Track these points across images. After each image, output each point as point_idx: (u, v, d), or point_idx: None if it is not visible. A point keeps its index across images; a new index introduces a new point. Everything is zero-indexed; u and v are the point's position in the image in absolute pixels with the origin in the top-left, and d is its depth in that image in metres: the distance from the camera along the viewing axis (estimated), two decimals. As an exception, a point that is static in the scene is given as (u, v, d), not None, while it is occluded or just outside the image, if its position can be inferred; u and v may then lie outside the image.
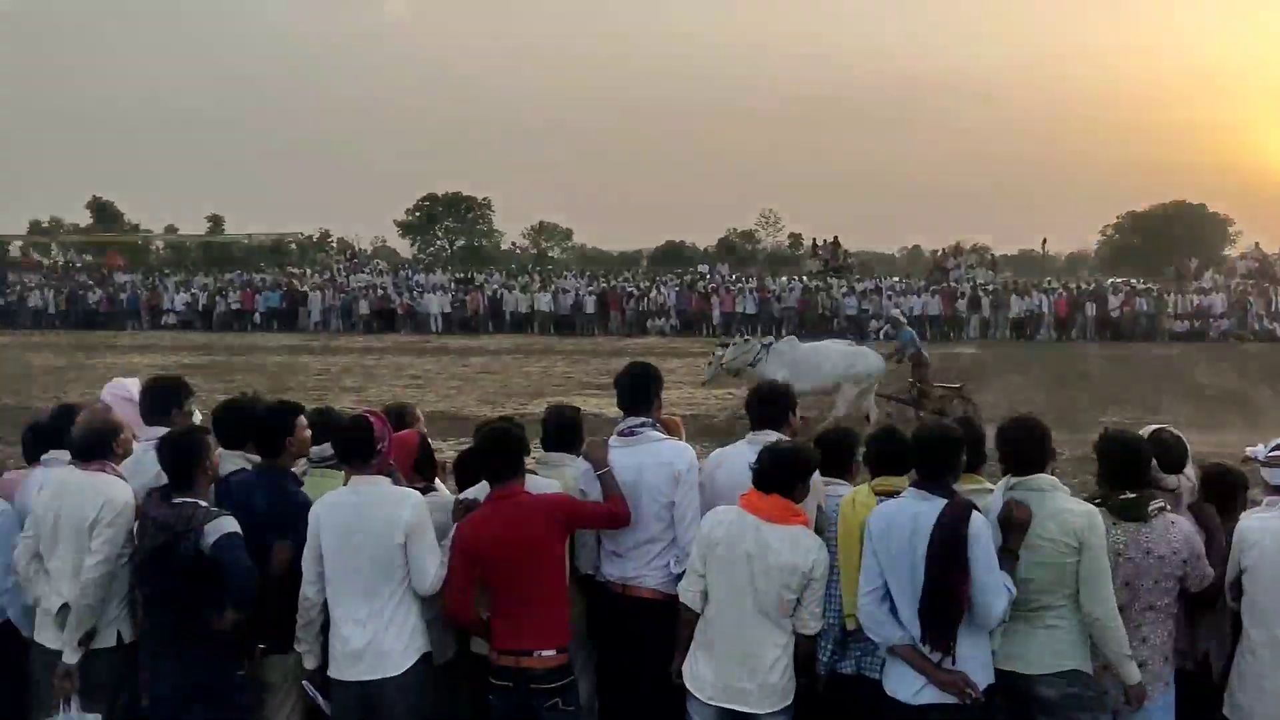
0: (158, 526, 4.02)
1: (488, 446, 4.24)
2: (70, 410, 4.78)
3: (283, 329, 36.70)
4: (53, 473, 4.47)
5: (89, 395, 18.02)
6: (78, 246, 60.06)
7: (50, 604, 4.21)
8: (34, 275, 44.01)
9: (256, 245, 60.97)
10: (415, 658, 4.13)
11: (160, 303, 38.93)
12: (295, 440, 4.46)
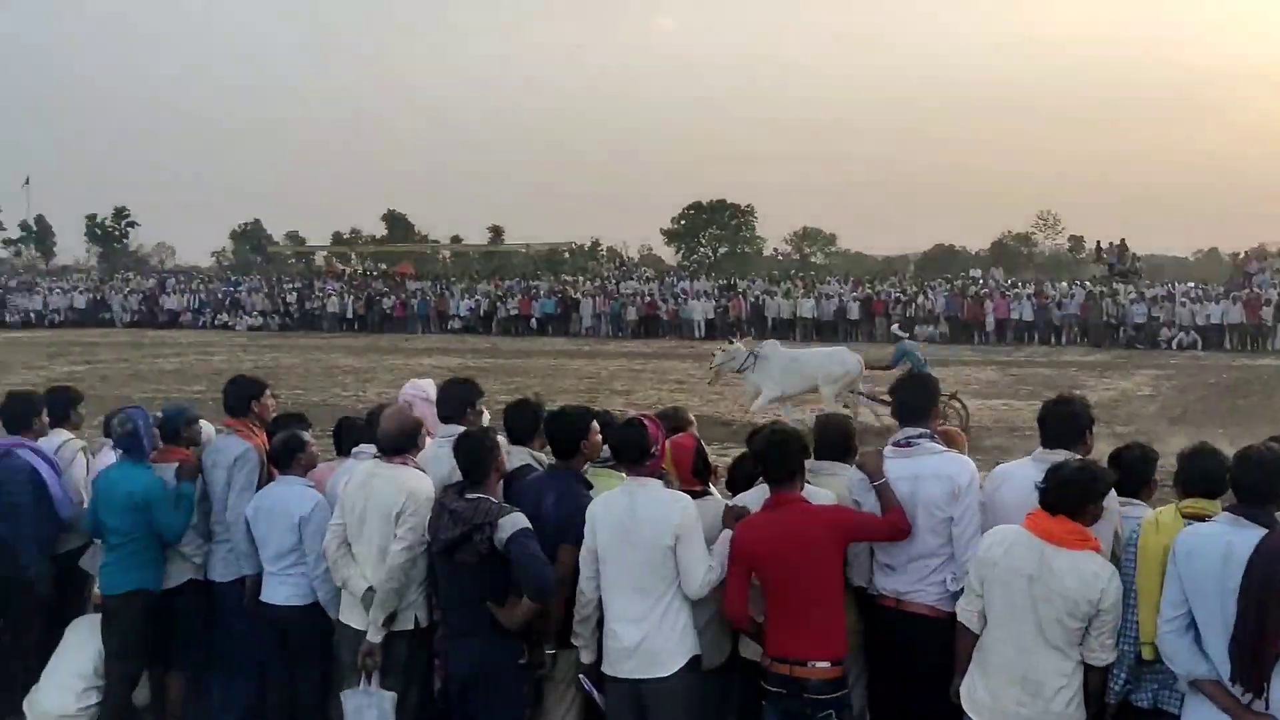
0: (454, 519, 4.25)
1: (770, 452, 4.21)
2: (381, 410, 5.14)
3: (557, 333, 38.23)
4: (360, 465, 4.84)
5: (384, 394, 19.49)
6: (374, 256, 64.69)
7: (357, 587, 4.56)
8: (335, 283, 47.74)
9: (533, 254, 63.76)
10: (685, 660, 4.16)
11: (446, 308, 41.36)
12: (589, 444, 4.62)
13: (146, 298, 46.03)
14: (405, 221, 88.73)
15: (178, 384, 21.71)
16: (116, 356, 28.41)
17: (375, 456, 4.76)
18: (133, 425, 5.28)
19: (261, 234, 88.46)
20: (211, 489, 5.33)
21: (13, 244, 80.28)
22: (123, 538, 5.20)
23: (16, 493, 5.45)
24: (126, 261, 79.84)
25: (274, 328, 41.76)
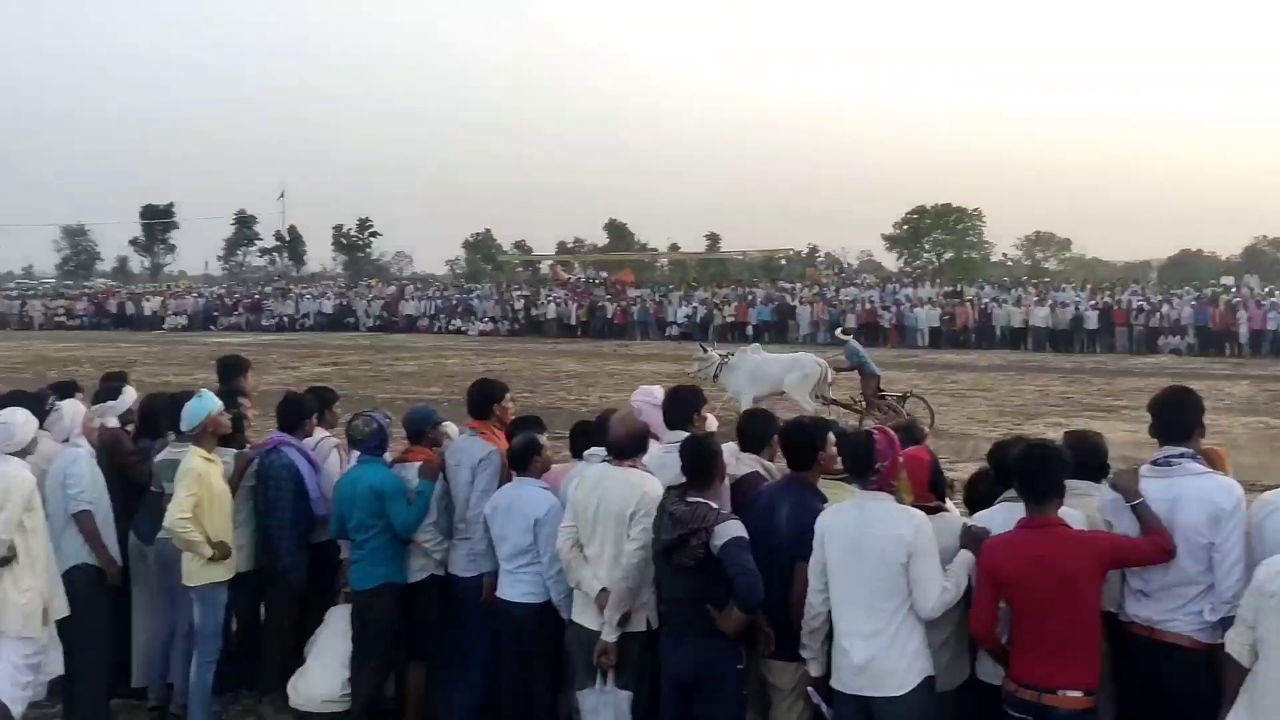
0: (673, 521, 4.30)
1: (1028, 468, 4.02)
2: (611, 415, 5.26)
3: (774, 340, 38.02)
4: (591, 468, 4.96)
5: (606, 399, 19.93)
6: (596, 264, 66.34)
7: (590, 587, 4.67)
8: (560, 290, 49.19)
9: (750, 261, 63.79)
10: (918, 680, 4.05)
11: (664, 315, 41.91)
12: (826, 456, 4.58)
13: (387, 304, 48.73)
14: (626, 230, 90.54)
15: (416, 386, 22.87)
16: (360, 359, 30.26)
17: (605, 460, 4.87)
18: (374, 426, 5.61)
19: (492, 243, 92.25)
20: (454, 488, 5.57)
21: (268, 253, 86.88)
22: (367, 533, 5.50)
23: (279, 488, 5.88)
24: (369, 269, 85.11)
25: (503, 333, 43.41)
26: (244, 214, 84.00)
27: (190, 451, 5.60)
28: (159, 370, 25.77)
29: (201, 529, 5.48)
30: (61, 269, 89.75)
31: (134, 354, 32.35)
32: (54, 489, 5.71)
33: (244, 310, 49.77)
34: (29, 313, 51.49)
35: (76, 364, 27.96)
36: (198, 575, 5.61)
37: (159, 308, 50.51)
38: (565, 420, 16.10)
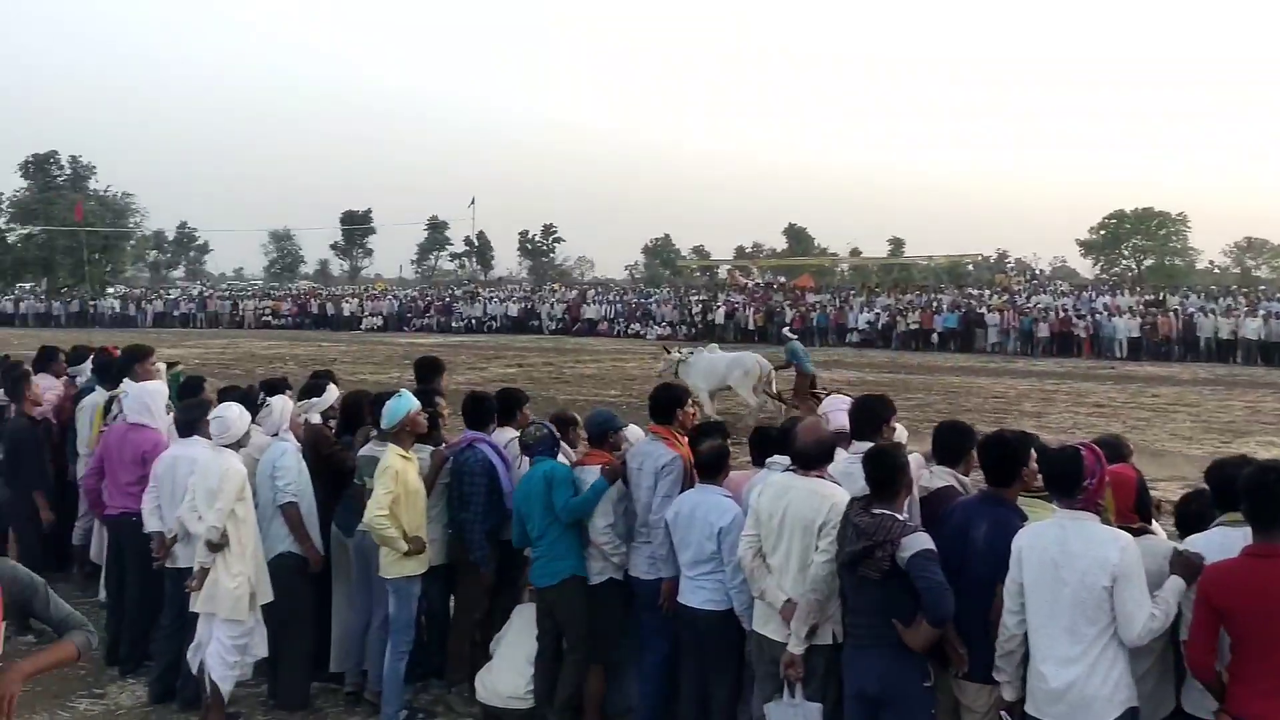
0: (858, 532, 4.21)
1: (1260, 493, 3.69)
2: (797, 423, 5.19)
3: (960, 350, 36.90)
4: (774, 477, 4.90)
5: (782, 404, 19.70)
6: (774, 269, 65.95)
7: (775, 598, 4.61)
8: (738, 295, 49.08)
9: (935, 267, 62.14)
10: (1121, 710, 3.83)
11: (845, 321, 41.25)
12: (1029, 472, 4.40)
13: (569, 307, 49.79)
14: (805, 235, 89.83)
15: (596, 388, 23.25)
16: (543, 360, 31.00)
17: (790, 469, 4.80)
18: (544, 431, 5.81)
19: (670, 249, 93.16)
20: (635, 491, 5.61)
21: (458, 257, 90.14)
22: (544, 528, 5.62)
23: (473, 483, 6.06)
24: (552, 273, 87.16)
25: (681, 337, 43.59)
26: (436, 220, 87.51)
27: (388, 449, 5.83)
28: (356, 368, 27.04)
29: (398, 524, 5.70)
30: (269, 271, 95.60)
31: (333, 352, 34.09)
32: (263, 481, 6.04)
33: (435, 312, 51.74)
34: (240, 312, 54.99)
35: (281, 361, 29.70)
36: (393, 568, 5.83)
37: (356, 309, 53.10)
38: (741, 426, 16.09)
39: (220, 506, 5.65)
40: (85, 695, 6.45)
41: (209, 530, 5.64)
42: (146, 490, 6.29)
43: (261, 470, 6.07)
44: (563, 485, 5.57)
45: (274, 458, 6.06)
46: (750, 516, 4.84)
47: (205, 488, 5.75)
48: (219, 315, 55.25)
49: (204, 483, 5.77)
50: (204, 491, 5.75)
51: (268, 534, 6.01)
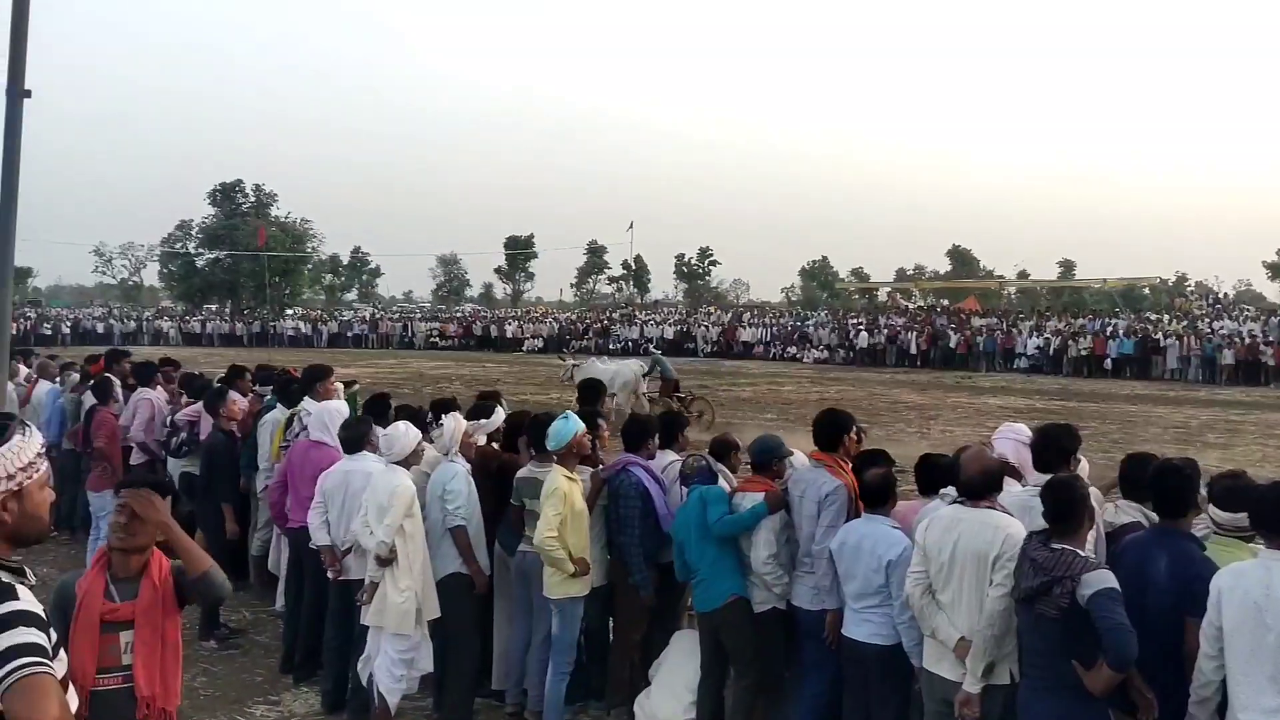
0: (1035, 568, 4.03)
1: None
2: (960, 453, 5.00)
3: (1136, 376, 35.21)
4: (943, 510, 4.72)
5: (948, 433, 19.20)
6: (937, 292, 64.32)
7: (947, 636, 4.44)
8: (899, 319, 48.07)
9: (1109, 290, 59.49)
10: (1329, 771, 3.52)
11: (1013, 346, 39.85)
12: (1202, 498, 4.16)
13: (725, 330, 49.74)
14: (970, 257, 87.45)
15: (752, 411, 23.12)
16: (698, 383, 30.85)
17: (958, 500, 4.63)
18: (703, 463, 5.78)
19: (828, 271, 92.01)
20: (797, 519, 5.50)
21: (616, 281, 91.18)
22: (703, 551, 5.57)
23: (629, 506, 6.08)
24: (708, 296, 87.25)
25: (839, 361, 43.06)
26: (595, 244, 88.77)
27: (554, 470, 5.89)
28: (518, 389, 27.65)
29: (565, 545, 5.75)
30: (436, 294, 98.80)
31: (496, 373, 34.98)
32: (433, 501, 6.18)
33: (593, 335, 52.47)
34: (410, 334, 57.00)
35: (448, 381, 30.64)
36: (558, 589, 5.88)
37: (518, 331, 54.35)
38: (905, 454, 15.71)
39: (389, 522, 5.79)
40: (261, 701, 6.72)
41: (378, 545, 5.79)
42: (313, 506, 6.49)
43: (431, 491, 6.20)
44: (717, 502, 5.54)
45: (444, 480, 6.17)
46: (917, 552, 4.68)
47: (376, 504, 5.90)
48: (390, 336, 57.37)
49: (375, 499, 5.92)
50: (375, 507, 5.90)
51: (436, 554, 6.14)
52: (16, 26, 3.23)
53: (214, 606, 7.11)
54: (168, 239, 74.36)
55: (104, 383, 9.45)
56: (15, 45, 3.24)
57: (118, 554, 3.60)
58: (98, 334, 56.45)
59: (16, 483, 2.50)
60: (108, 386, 9.37)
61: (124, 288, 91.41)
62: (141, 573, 3.59)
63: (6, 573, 2.47)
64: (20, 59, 3.24)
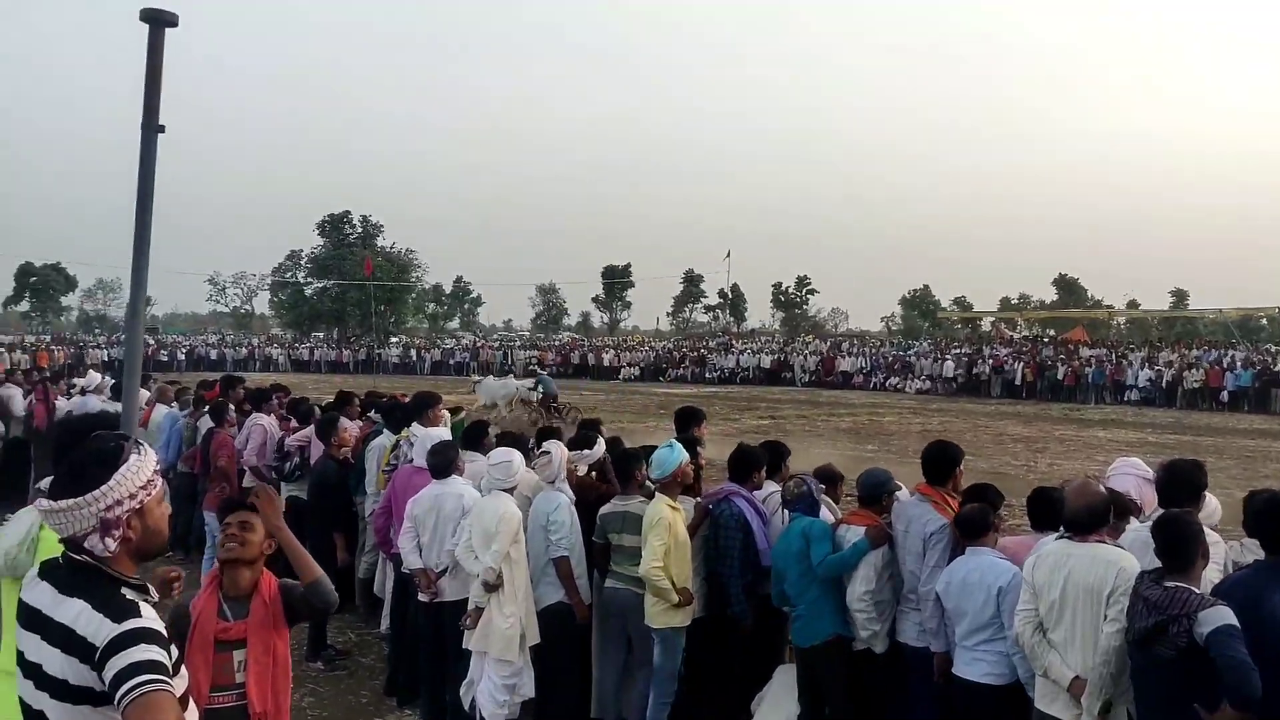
0: (1149, 607, 3.89)
1: None
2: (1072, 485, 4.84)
3: (1254, 410, 33.82)
4: (1050, 545, 4.57)
5: (1055, 465, 18.68)
6: (1043, 322, 62.82)
7: (1061, 675, 4.31)
8: (1004, 349, 47.01)
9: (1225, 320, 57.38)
10: None
11: (1123, 377, 38.65)
12: None
13: (823, 359, 49.27)
14: (1077, 286, 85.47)
15: (851, 443, 22.80)
16: (796, 413, 30.73)
17: (1064, 536, 4.49)
18: (805, 488, 5.68)
19: (930, 300, 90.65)
20: (901, 555, 5.40)
21: (712, 310, 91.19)
22: (805, 587, 5.49)
23: (729, 536, 6.03)
24: (805, 325, 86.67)
25: (941, 392, 42.28)
26: (692, 273, 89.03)
27: (658, 499, 5.88)
28: (614, 417, 27.71)
29: (669, 575, 5.73)
30: (535, 323, 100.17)
31: (593, 400, 35.16)
32: (535, 530, 6.22)
33: (690, 363, 52.50)
34: (510, 362, 57.76)
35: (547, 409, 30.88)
36: (661, 619, 5.86)
37: (615, 359, 54.65)
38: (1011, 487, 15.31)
39: (496, 548, 5.85)
40: (366, 722, 6.82)
41: (485, 571, 5.84)
42: (403, 530, 6.57)
43: (534, 520, 6.25)
44: (821, 540, 5.46)
45: (547, 509, 6.20)
46: (1026, 590, 4.55)
47: (481, 529, 5.96)
48: (490, 364, 58.21)
49: (480, 524, 5.98)
50: (480, 532, 5.96)
51: (539, 583, 6.17)
52: (151, 64, 3.37)
53: (321, 620, 7.27)
54: (278, 269, 77.11)
55: (220, 406, 9.80)
56: (150, 83, 3.38)
57: (229, 573, 3.71)
58: (211, 360, 58.50)
59: (138, 500, 2.58)
60: (223, 410, 9.72)
61: (236, 316, 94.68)
62: (252, 592, 3.70)
63: (131, 590, 2.55)
64: (155, 96, 3.38)
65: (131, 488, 2.56)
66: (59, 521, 2.51)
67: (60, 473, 2.57)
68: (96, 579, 2.52)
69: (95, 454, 2.57)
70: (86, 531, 2.51)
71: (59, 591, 2.51)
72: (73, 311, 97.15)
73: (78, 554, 2.54)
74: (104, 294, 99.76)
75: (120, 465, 2.56)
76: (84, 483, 2.51)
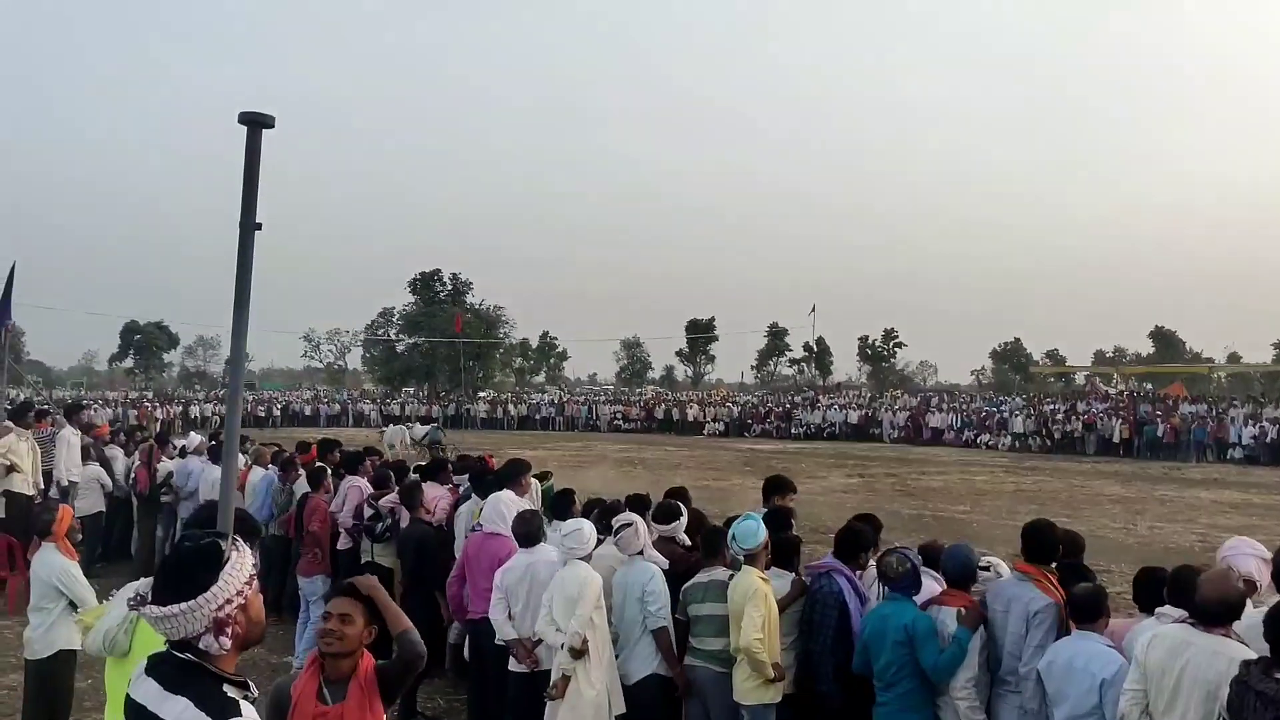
0: (1265, 703, 3.66)
1: None
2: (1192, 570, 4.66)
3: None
4: (1169, 629, 4.39)
5: (1155, 529, 18.04)
6: (1139, 376, 61.22)
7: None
8: (1099, 404, 45.80)
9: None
10: None
11: (1226, 435, 37.34)
12: None
13: (912, 415, 48.52)
14: (1175, 339, 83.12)
15: (943, 502, 22.32)
16: (885, 471, 30.25)
17: (1185, 621, 4.30)
18: (909, 566, 5.45)
19: (1021, 353, 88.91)
20: (1000, 635, 5.23)
21: (796, 363, 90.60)
22: (895, 676, 5.34)
23: (824, 613, 5.91)
24: (893, 379, 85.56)
25: (1034, 449, 41.28)
26: (776, 327, 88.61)
27: (748, 571, 5.81)
28: (700, 474, 27.62)
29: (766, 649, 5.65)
30: (619, 377, 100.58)
31: (678, 457, 35.11)
32: (630, 600, 6.18)
33: (775, 418, 52.13)
34: (595, 416, 58.08)
35: (630, 465, 30.92)
36: (752, 694, 5.78)
37: (699, 414, 54.52)
38: (1110, 551, 14.81)
39: (581, 614, 5.84)
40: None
41: (572, 637, 5.83)
42: (494, 601, 6.54)
43: (628, 590, 6.22)
44: (929, 641, 5.26)
45: (642, 580, 6.17)
46: (1136, 669, 4.38)
47: (564, 596, 5.96)
48: (575, 419, 58.58)
49: (562, 592, 5.99)
50: (563, 600, 5.96)
51: (631, 657, 6.14)
52: (249, 165, 3.49)
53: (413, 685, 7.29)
54: (370, 325, 78.88)
55: (318, 471, 9.98)
56: (248, 182, 3.50)
57: (329, 660, 3.76)
58: (305, 416, 59.88)
59: (243, 596, 2.63)
60: (320, 475, 9.88)
61: (330, 371, 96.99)
62: (351, 674, 3.75)
63: (232, 687, 2.60)
64: (252, 195, 3.49)
65: (238, 584, 2.62)
66: (170, 626, 2.57)
67: (164, 577, 2.62)
68: (199, 676, 2.57)
69: (198, 556, 2.63)
70: (199, 633, 2.57)
71: (164, 688, 2.56)
72: (174, 368, 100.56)
73: (182, 651, 2.60)
74: (204, 350, 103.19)
75: (224, 565, 2.62)
76: (191, 586, 2.57)
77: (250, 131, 3.42)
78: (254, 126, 3.41)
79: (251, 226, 3.42)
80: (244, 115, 3.43)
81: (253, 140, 3.41)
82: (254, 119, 3.41)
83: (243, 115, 3.43)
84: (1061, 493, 24.46)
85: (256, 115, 3.41)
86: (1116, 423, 40.50)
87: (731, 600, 5.86)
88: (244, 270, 3.43)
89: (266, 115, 3.43)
